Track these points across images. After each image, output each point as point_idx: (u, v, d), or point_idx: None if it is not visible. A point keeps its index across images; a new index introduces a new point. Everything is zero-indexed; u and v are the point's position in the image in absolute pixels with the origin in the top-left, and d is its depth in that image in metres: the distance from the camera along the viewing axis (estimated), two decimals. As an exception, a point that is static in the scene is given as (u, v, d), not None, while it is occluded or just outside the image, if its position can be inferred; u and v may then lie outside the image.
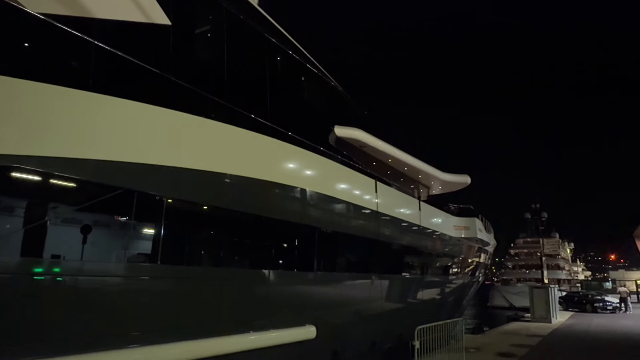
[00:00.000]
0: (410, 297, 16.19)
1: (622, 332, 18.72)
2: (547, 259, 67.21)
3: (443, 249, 20.03)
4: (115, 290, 6.09)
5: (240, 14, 9.31)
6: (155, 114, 6.75)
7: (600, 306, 30.07)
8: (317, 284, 10.36)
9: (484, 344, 14.75)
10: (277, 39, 10.53)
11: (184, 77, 7.45)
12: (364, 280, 12.53)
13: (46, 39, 5.79)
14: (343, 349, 10.66)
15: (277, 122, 9.45)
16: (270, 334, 8.26)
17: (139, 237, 6.72)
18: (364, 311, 12.28)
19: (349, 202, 11.89)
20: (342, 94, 14.25)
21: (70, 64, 6.17)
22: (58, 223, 5.71)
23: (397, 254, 15.32)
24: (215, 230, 8.18)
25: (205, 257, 8.10)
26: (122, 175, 6.14)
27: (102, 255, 6.15)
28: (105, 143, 5.99)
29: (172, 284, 6.84)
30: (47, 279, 5.34)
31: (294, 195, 9.67)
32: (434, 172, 20.89)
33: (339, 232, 11.42)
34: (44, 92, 5.37)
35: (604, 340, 16.20)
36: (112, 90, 6.18)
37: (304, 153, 10.30)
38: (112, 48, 6.35)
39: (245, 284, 8.30)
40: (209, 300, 7.35)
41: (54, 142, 5.41)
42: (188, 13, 8.28)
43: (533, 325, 21.19)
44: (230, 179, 7.95)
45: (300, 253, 10.10)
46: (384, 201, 13.89)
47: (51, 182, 5.48)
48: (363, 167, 13.55)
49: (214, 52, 8.78)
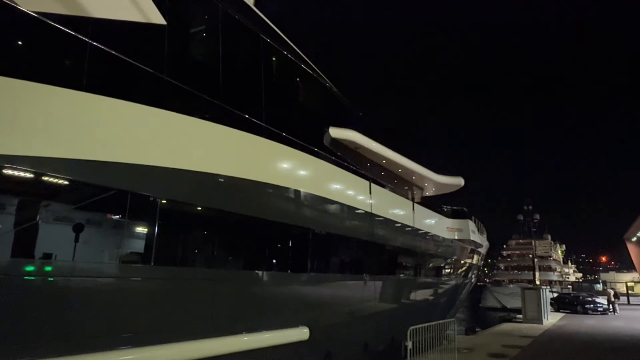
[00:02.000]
0: (403, 298, 16.24)
1: (612, 333, 18.90)
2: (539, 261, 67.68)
3: (436, 250, 20.11)
4: (108, 291, 6.06)
5: (236, 14, 9.30)
6: (148, 115, 6.73)
7: (591, 307, 30.34)
8: (310, 285, 10.37)
9: (476, 344, 14.83)
10: (273, 40, 10.52)
11: (178, 77, 7.43)
12: (357, 282, 12.55)
13: (40, 38, 5.75)
14: (336, 350, 10.68)
15: (271, 122, 9.45)
16: (264, 335, 8.26)
17: (132, 237, 6.68)
18: (357, 312, 12.31)
19: (343, 203, 11.91)
20: (337, 94, 14.27)
21: (64, 63, 6.13)
22: (50, 223, 5.67)
23: (391, 256, 15.36)
24: (208, 232, 8.16)
25: (198, 258, 8.08)
26: (116, 176, 6.11)
27: (94, 255, 6.12)
28: (98, 143, 5.96)
29: (165, 285, 6.82)
30: (38, 280, 5.30)
31: (287, 196, 9.67)
32: (428, 174, 20.99)
33: (333, 233, 11.43)
34: (37, 92, 5.34)
35: (594, 341, 16.35)
36: (106, 90, 6.15)
37: (298, 154, 10.31)
38: (106, 47, 6.32)
39: (239, 285, 8.28)
40: (202, 301, 7.33)
41: (47, 143, 5.38)
42: (184, 13, 8.26)
43: (525, 326, 21.33)
44: (224, 180, 7.94)
45: (293, 254, 10.10)
46: (378, 202, 13.92)
47: (44, 182, 5.44)
48: (357, 169, 13.57)
49: (209, 52, 8.76)
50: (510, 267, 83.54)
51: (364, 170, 14.29)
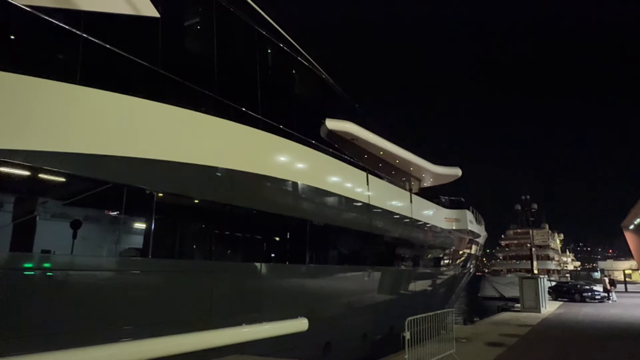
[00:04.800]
0: (402, 288, 16.32)
1: (610, 321, 19.03)
2: (537, 250, 68.05)
3: (434, 241, 20.17)
4: (106, 284, 6.07)
5: (230, 6, 9.24)
6: (144, 107, 6.71)
7: (589, 296, 30.49)
8: (309, 277, 10.41)
9: (474, 333, 14.91)
10: (268, 32, 10.46)
11: (173, 70, 7.39)
12: (356, 273, 12.60)
13: (32, 31, 5.71)
14: (335, 340, 10.74)
15: (268, 115, 9.42)
16: (263, 327, 8.30)
17: (129, 231, 6.69)
18: (355, 303, 12.37)
19: (340, 194, 11.92)
20: (334, 86, 14.23)
21: (57, 56, 6.09)
22: (45, 217, 5.67)
23: (389, 246, 15.41)
24: (206, 224, 8.17)
25: (196, 251, 8.10)
26: (112, 169, 6.10)
27: (91, 249, 6.13)
28: (93, 136, 5.94)
29: (163, 277, 6.84)
30: (36, 274, 5.31)
31: (285, 188, 9.67)
32: (425, 165, 20.99)
33: (331, 224, 11.45)
34: (29, 85, 5.31)
35: (591, 329, 16.46)
36: (100, 83, 6.12)
37: (295, 146, 10.30)
38: (99, 40, 6.27)
39: (237, 276, 8.31)
40: (201, 293, 7.36)
41: (40, 136, 5.36)
42: (177, 5, 8.20)
43: (523, 315, 21.44)
44: (221, 173, 7.93)
45: (292, 246, 10.13)
46: (376, 194, 13.94)
47: (37, 176, 5.43)
48: (355, 160, 13.57)
49: (203, 44, 8.71)
50: (509, 256, 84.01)
51: (362, 162, 14.29)
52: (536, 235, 68.69)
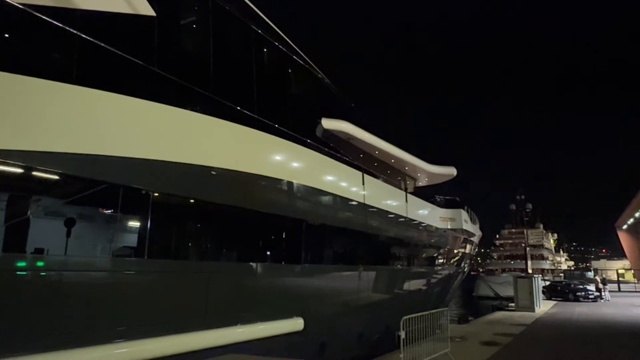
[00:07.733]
0: (397, 288, 16.35)
1: (603, 320, 19.20)
2: (531, 250, 68.46)
3: (429, 240, 20.22)
4: (102, 285, 6.04)
5: (226, 5, 9.22)
6: (139, 107, 6.68)
7: (583, 295, 30.72)
8: (304, 277, 10.41)
9: (468, 333, 14.99)
10: (264, 31, 10.45)
11: (169, 69, 7.37)
12: (351, 272, 12.61)
13: (27, 30, 5.67)
14: (331, 340, 10.75)
15: (263, 114, 9.41)
16: (258, 327, 8.30)
17: (124, 231, 6.67)
18: (351, 303, 12.39)
19: (336, 194, 11.92)
20: (330, 86, 14.23)
21: (52, 56, 6.05)
22: (40, 218, 5.64)
23: (384, 246, 15.44)
24: (202, 224, 8.15)
25: (192, 251, 8.08)
26: (107, 169, 6.07)
27: (87, 250, 6.11)
28: (88, 137, 5.90)
29: (159, 278, 6.82)
30: (30, 274, 5.28)
31: (281, 188, 9.67)
32: (420, 164, 21.02)
33: (326, 224, 11.45)
34: (25, 85, 5.27)
35: (585, 328, 16.60)
36: (96, 83, 6.09)
37: (291, 146, 10.28)
38: (95, 40, 6.24)
39: (233, 277, 8.30)
40: (196, 293, 7.34)
41: (34, 136, 5.32)
42: (173, 4, 8.17)
43: (517, 314, 21.58)
44: (217, 172, 7.91)
45: (287, 246, 10.12)
46: (371, 193, 13.96)
47: (32, 177, 5.39)
48: (350, 160, 13.58)
49: (199, 43, 8.69)
50: (503, 256, 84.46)
51: (357, 161, 14.29)
52: (530, 235, 68.99)
